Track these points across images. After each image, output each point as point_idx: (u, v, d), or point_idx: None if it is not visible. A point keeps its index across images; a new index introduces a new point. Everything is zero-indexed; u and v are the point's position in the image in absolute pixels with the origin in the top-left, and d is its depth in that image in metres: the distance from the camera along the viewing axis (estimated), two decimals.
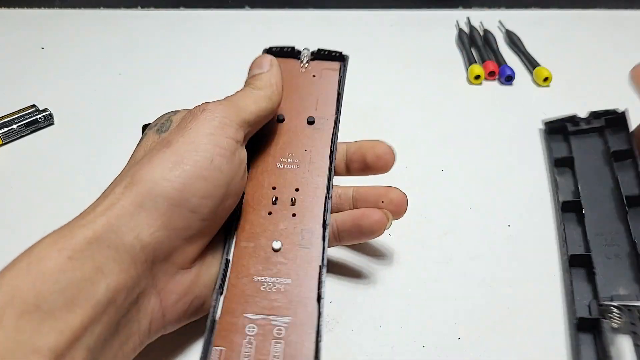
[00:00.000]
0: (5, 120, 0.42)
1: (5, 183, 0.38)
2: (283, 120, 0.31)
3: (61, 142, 0.42)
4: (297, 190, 0.28)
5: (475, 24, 0.60)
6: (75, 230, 0.21)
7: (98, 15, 0.62)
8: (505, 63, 0.52)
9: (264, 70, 0.29)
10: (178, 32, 0.59)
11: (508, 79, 0.50)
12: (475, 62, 0.52)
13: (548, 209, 0.36)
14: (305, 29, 0.61)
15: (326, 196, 0.28)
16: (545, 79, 0.50)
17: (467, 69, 0.52)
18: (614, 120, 0.38)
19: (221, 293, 0.24)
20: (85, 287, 0.20)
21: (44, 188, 0.37)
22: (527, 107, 0.47)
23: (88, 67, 0.52)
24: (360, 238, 0.29)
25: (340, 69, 0.34)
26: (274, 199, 0.28)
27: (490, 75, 0.51)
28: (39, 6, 0.64)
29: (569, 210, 0.34)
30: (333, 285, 0.30)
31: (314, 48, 0.34)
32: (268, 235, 0.27)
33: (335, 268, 0.31)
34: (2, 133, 0.41)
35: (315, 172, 0.29)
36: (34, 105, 0.44)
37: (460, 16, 0.62)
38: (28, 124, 0.42)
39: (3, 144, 0.41)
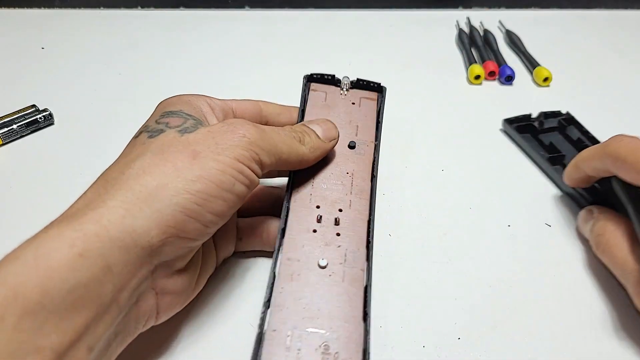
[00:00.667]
0: (5, 120, 0.42)
1: (5, 183, 0.38)
2: None
3: (61, 142, 0.42)
4: (340, 210, 0.28)
5: (475, 24, 0.60)
6: (85, 225, 0.20)
7: (98, 15, 0.63)
8: (505, 63, 0.52)
9: (322, 138, 0.29)
10: (178, 32, 0.59)
11: (508, 79, 0.50)
12: (475, 62, 0.52)
13: (548, 208, 0.36)
14: (305, 29, 0.61)
15: (369, 219, 0.28)
16: (545, 79, 0.50)
17: (467, 69, 0.52)
18: (567, 119, 0.43)
19: (268, 307, 0.24)
20: (94, 288, 0.19)
21: (44, 188, 0.37)
22: (527, 107, 0.47)
23: (88, 67, 0.52)
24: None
25: (378, 98, 0.35)
26: (318, 217, 0.28)
27: (490, 75, 0.51)
28: (39, 6, 0.64)
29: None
30: None
31: (353, 78, 0.35)
32: (313, 253, 0.27)
33: None
34: (2, 133, 0.41)
35: (357, 194, 0.29)
36: (34, 105, 0.44)
37: (460, 16, 0.62)
38: (28, 124, 0.42)
39: (3, 144, 0.41)
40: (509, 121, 0.43)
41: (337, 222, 0.28)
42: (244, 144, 0.24)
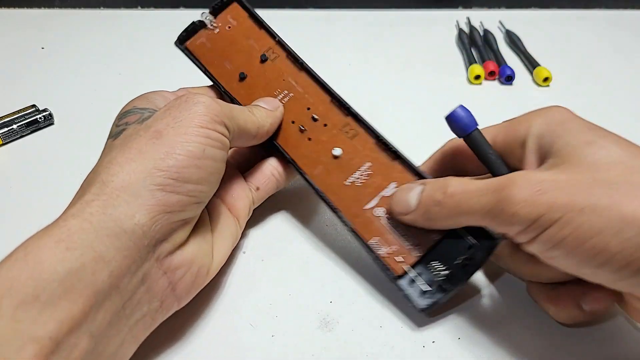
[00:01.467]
0: (5, 120, 0.42)
1: (5, 183, 0.38)
2: (245, 76, 0.33)
3: (61, 142, 0.42)
4: (308, 109, 0.32)
5: (475, 24, 0.60)
6: (69, 221, 0.21)
7: (98, 15, 0.63)
8: (505, 63, 0.52)
9: (269, 108, 0.31)
10: (178, 32, 0.59)
11: (508, 79, 0.50)
12: (475, 62, 0.52)
13: None
14: (305, 29, 0.61)
15: (332, 96, 0.32)
16: (545, 79, 0.50)
17: (467, 69, 0.52)
18: None
19: (336, 211, 0.29)
20: (85, 276, 0.20)
21: (44, 188, 0.37)
22: (527, 107, 0.46)
23: (88, 67, 0.52)
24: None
25: (241, 6, 0.36)
26: (301, 128, 0.31)
27: (490, 75, 0.51)
28: (39, 6, 0.64)
29: None
30: (333, 285, 0.30)
31: (205, 11, 0.36)
32: (324, 152, 0.30)
33: (336, 268, 0.31)
34: (2, 133, 0.41)
35: (307, 88, 0.32)
36: (34, 105, 0.44)
37: (460, 16, 0.62)
38: (28, 124, 0.42)
39: (3, 144, 0.41)
40: None
41: (315, 119, 0.31)
42: (202, 109, 0.25)
